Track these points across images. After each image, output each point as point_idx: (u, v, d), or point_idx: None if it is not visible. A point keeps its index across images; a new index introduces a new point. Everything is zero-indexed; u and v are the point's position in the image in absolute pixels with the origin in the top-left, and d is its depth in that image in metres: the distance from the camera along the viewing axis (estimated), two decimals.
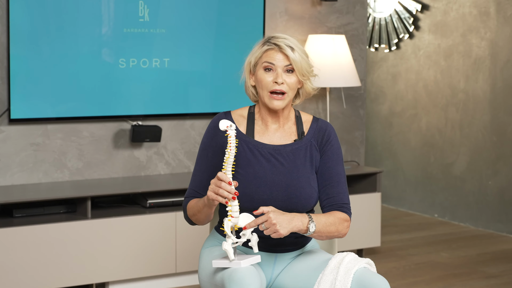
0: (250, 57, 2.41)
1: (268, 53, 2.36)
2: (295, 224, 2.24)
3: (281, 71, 2.35)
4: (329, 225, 2.33)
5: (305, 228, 2.27)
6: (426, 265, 4.45)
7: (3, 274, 3.48)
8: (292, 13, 4.54)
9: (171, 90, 4.15)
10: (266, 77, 2.36)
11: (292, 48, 2.35)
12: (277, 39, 2.36)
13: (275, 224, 2.20)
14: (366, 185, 4.55)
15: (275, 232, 2.21)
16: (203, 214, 2.38)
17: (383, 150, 6.30)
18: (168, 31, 4.10)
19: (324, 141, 2.45)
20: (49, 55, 3.83)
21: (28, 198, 3.59)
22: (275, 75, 2.36)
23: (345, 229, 2.38)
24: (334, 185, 2.41)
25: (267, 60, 2.36)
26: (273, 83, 2.36)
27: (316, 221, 2.29)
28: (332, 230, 2.33)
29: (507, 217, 5.23)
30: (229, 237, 2.21)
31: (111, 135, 4.09)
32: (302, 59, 2.35)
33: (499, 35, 5.26)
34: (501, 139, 5.28)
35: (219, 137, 2.43)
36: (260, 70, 2.38)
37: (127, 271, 3.76)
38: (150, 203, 3.90)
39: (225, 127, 2.22)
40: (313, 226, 2.27)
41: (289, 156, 2.40)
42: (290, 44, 2.35)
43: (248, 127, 2.44)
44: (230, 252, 2.20)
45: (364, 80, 4.82)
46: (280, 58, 2.35)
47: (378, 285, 2.20)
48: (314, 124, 2.48)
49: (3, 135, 3.83)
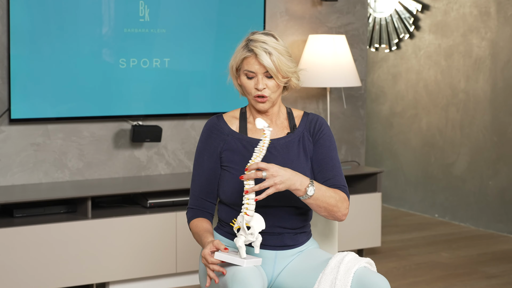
0: (232, 61, 2.43)
1: (248, 60, 2.37)
2: (294, 182, 2.23)
3: (261, 77, 2.37)
4: (329, 196, 2.31)
5: (303, 189, 2.25)
6: (426, 265, 4.45)
7: (3, 274, 3.48)
8: (292, 13, 4.54)
9: (171, 90, 4.15)
10: (248, 84, 2.40)
11: (270, 53, 2.34)
12: (255, 44, 2.36)
13: (275, 176, 2.19)
14: (367, 185, 4.55)
15: (273, 185, 2.20)
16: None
17: (384, 150, 6.30)
18: (168, 31, 4.10)
19: (316, 130, 2.47)
20: (50, 55, 3.83)
21: (29, 198, 3.59)
22: (255, 81, 2.38)
23: (345, 209, 2.36)
24: (329, 169, 2.42)
25: (247, 69, 2.38)
26: (255, 89, 2.39)
27: (316, 187, 2.28)
28: (332, 202, 2.32)
29: (507, 217, 5.23)
30: (242, 233, 2.20)
31: (112, 135, 4.09)
32: (280, 63, 2.35)
33: (500, 35, 5.26)
34: (501, 139, 5.28)
35: (214, 140, 2.45)
36: (242, 76, 2.41)
37: (127, 271, 3.76)
38: (151, 203, 3.90)
39: (262, 126, 2.23)
40: (312, 189, 2.26)
41: (282, 149, 2.43)
42: (268, 48, 2.34)
43: (240, 125, 2.48)
44: (242, 249, 2.20)
45: (364, 80, 4.82)
46: (258, 66, 2.36)
47: (379, 284, 2.20)
48: (305, 117, 2.51)
49: (4, 135, 3.83)
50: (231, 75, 2.47)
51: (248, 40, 2.39)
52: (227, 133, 2.46)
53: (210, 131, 2.47)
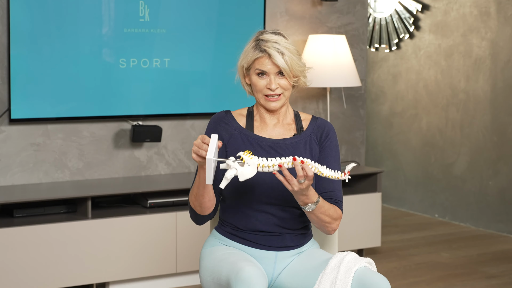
0: (242, 60, 2.44)
1: (260, 60, 2.39)
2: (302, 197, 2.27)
3: (273, 76, 2.39)
4: (327, 215, 2.36)
5: (304, 204, 2.30)
6: (426, 265, 4.45)
7: (3, 274, 3.48)
8: (292, 13, 4.54)
9: (171, 90, 4.15)
10: (260, 82, 2.41)
11: (282, 53, 2.37)
12: (266, 44, 2.37)
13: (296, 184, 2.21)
14: (367, 185, 4.55)
15: (292, 185, 2.21)
16: (202, 196, 2.35)
17: (384, 150, 6.30)
18: (168, 31, 4.10)
19: (323, 136, 2.48)
20: (50, 55, 3.83)
21: (29, 198, 3.59)
22: (268, 80, 2.40)
23: (336, 226, 2.42)
24: (330, 182, 2.43)
25: (259, 68, 2.39)
26: (267, 88, 2.40)
27: (318, 206, 2.31)
28: (326, 220, 2.37)
29: (507, 217, 5.23)
30: (234, 166, 2.16)
31: (112, 135, 4.09)
32: (292, 62, 2.38)
33: (500, 35, 5.25)
34: (501, 139, 5.28)
35: (221, 130, 2.45)
36: (253, 75, 2.42)
37: (127, 271, 3.76)
38: (151, 203, 3.90)
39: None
40: (312, 207, 2.30)
41: (288, 148, 2.43)
42: (280, 48, 2.37)
43: (247, 123, 2.48)
44: (230, 163, 2.16)
45: (364, 80, 4.82)
46: (271, 65, 2.38)
47: (379, 284, 2.20)
48: (314, 121, 2.52)
49: (4, 135, 3.83)
50: (239, 74, 2.48)
51: (259, 40, 2.40)
52: (234, 127, 2.46)
53: (217, 123, 2.47)
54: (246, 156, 2.15)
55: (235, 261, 2.29)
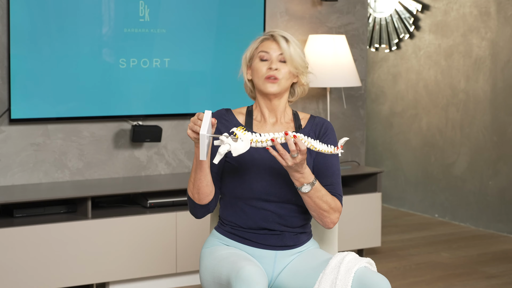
0: (247, 50, 2.51)
1: (264, 43, 2.47)
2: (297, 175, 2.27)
3: (275, 59, 2.44)
4: (324, 201, 2.35)
5: (300, 183, 2.30)
6: (426, 265, 4.45)
7: (3, 274, 3.48)
8: (292, 13, 4.54)
9: (171, 90, 4.15)
10: (261, 66, 2.45)
11: (287, 40, 2.44)
12: (274, 32, 2.47)
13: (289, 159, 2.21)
14: (367, 185, 4.55)
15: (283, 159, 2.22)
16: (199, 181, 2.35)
17: (384, 150, 6.30)
18: (168, 31, 4.10)
19: (322, 133, 2.50)
20: (50, 55, 3.83)
21: (29, 198, 3.59)
22: (269, 63, 2.44)
23: (336, 218, 2.40)
24: (329, 175, 2.44)
25: (262, 49, 2.45)
26: (267, 70, 2.43)
27: (315, 188, 2.31)
28: (324, 207, 2.35)
29: (507, 217, 5.23)
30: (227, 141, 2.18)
31: (112, 135, 4.09)
32: (295, 52, 2.44)
33: (500, 35, 5.26)
34: (501, 139, 5.28)
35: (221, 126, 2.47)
36: (256, 60, 2.46)
37: (127, 271, 3.76)
38: (151, 203, 3.90)
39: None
40: (308, 188, 2.30)
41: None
42: (286, 36, 2.45)
43: (247, 120, 2.50)
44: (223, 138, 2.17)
45: (364, 80, 4.82)
46: (275, 47, 2.44)
47: (379, 284, 2.20)
48: (312, 120, 2.54)
49: (4, 135, 3.83)
50: (242, 67, 2.52)
51: (266, 32, 2.51)
52: (235, 124, 2.48)
53: (217, 120, 2.48)
54: (240, 132, 2.17)
55: (235, 261, 2.30)
